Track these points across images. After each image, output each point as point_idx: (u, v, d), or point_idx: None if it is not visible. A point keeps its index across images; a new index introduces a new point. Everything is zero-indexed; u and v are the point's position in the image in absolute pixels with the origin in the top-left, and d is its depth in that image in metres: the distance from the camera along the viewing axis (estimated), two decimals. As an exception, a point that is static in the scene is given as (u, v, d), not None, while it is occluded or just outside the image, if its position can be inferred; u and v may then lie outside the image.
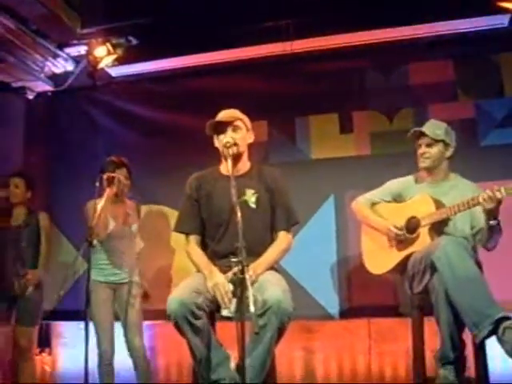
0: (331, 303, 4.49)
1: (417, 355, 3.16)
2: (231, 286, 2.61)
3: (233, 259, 2.41)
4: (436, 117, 3.79)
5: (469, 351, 3.02)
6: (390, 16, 4.40)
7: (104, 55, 4.87)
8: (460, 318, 2.81)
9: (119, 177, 3.85)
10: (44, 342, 5.08)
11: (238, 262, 2.36)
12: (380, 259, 3.48)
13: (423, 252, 3.08)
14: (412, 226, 3.31)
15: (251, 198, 2.97)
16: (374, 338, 4.41)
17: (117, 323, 3.92)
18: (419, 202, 3.34)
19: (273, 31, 4.62)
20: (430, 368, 3.11)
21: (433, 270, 2.94)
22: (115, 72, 5.21)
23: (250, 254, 2.50)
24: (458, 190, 3.33)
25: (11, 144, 5.47)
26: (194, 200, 3.09)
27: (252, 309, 2.26)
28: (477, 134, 4.47)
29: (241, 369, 2.34)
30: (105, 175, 3.74)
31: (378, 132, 4.69)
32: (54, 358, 5.15)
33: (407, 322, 3.31)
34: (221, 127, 3.02)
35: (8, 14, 4.37)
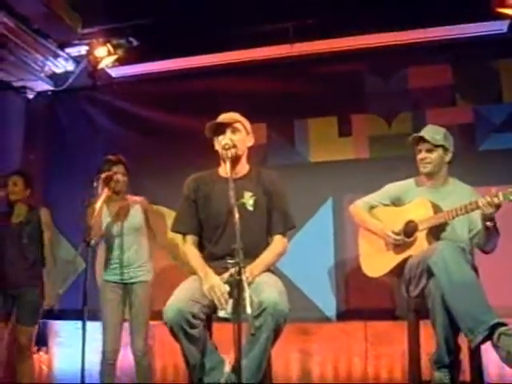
0: (328, 306, 4.51)
1: (412, 358, 3.17)
2: (227, 287, 2.61)
3: (229, 261, 2.40)
4: (434, 121, 3.80)
5: (464, 355, 3.03)
6: (390, 20, 4.42)
7: (104, 55, 4.89)
8: (456, 322, 2.82)
9: (117, 175, 3.87)
10: (41, 341, 5.08)
11: (234, 264, 2.36)
12: (377, 262, 3.47)
13: (420, 256, 3.08)
14: (410, 229, 3.31)
15: (249, 200, 2.97)
16: (370, 340, 4.42)
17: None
18: (417, 205, 3.34)
19: (273, 34, 4.64)
20: (426, 371, 3.11)
21: (429, 274, 2.94)
22: (115, 72, 5.23)
23: (247, 256, 2.50)
24: (457, 194, 3.34)
25: (11, 142, 5.48)
26: (192, 201, 3.08)
27: (249, 310, 2.27)
28: (475, 138, 4.50)
29: (237, 370, 2.34)
30: (103, 175, 3.75)
31: (377, 135, 4.71)
32: (51, 357, 5.16)
33: (403, 325, 3.33)
34: (220, 129, 3.02)
35: (9, 13, 4.39)
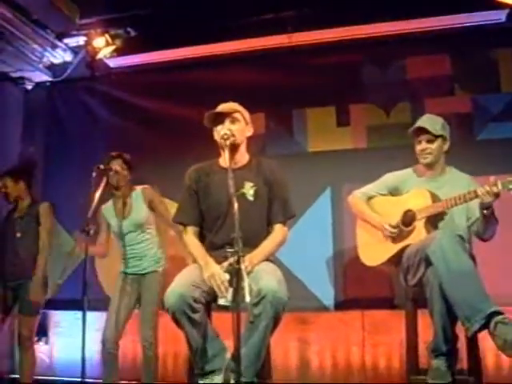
0: (326, 295, 4.54)
1: (410, 347, 3.19)
2: (227, 276, 2.63)
3: (229, 250, 2.42)
4: (433, 111, 3.80)
5: (461, 344, 3.06)
6: (388, 10, 4.42)
7: (103, 46, 4.90)
8: (453, 310, 2.84)
9: (115, 167, 3.91)
10: (41, 332, 5.09)
11: (234, 253, 2.38)
12: (375, 251, 3.49)
13: (418, 245, 3.10)
14: (408, 219, 3.32)
15: (249, 190, 2.97)
16: (367, 329, 4.44)
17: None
18: (416, 195, 3.35)
19: (271, 24, 4.64)
20: (423, 359, 3.13)
21: (427, 263, 2.96)
22: (114, 63, 5.23)
23: (247, 245, 2.52)
24: (454, 183, 3.35)
25: (9, 133, 5.49)
26: (193, 191, 3.08)
27: (247, 299, 2.29)
28: (473, 128, 4.50)
29: (236, 358, 2.36)
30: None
31: (375, 125, 4.72)
32: (51, 347, 5.18)
33: (401, 314, 3.34)
34: (219, 119, 3.01)
35: (7, 3, 4.38)
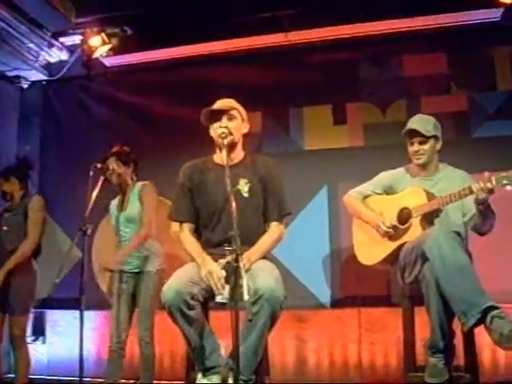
0: (323, 293, 4.55)
1: (407, 344, 3.20)
2: (224, 273, 2.63)
3: (227, 248, 2.43)
4: (429, 109, 3.83)
5: (458, 341, 3.07)
6: (384, 9, 4.42)
7: (99, 45, 4.89)
8: (449, 307, 2.85)
9: (112, 165, 3.91)
10: (38, 331, 5.10)
11: (232, 251, 2.38)
12: (371, 250, 3.49)
13: (415, 242, 3.10)
14: (404, 216, 3.33)
15: (244, 187, 2.96)
16: (364, 327, 4.46)
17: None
18: (411, 193, 3.36)
19: (268, 22, 4.64)
20: (420, 356, 3.14)
21: (424, 259, 2.96)
22: (110, 62, 5.21)
23: (244, 243, 2.51)
24: (448, 179, 3.37)
25: (5, 132, 5.48)
26: (188, 189, 3.07)
27: (246, 297, 2.29)
28: (469, 126, 4.52)
29: (235, 356, 2.36)
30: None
31: (372, 124, 4.73)
32: (49, 346, 5.16)
33: (397, 311, 3.36)
34: (216, 116, 3.00)
35: (3, 2, 4.38)
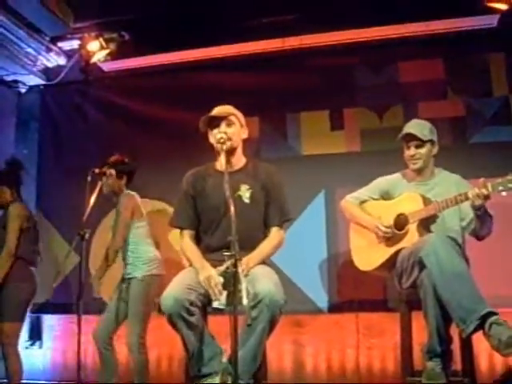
0: (321, 298, 4.54)
1: (405, 349, 3.21)
2: (221, 279, 2.64)
3: (225, 253, 2.43)
4: (426, 115, 3.84)
5: (455, 345, 3.08)
6: (382, 15, 4.44)
7: (97, 50, 4.89)
8: (447, 312, 2.86)
9: (109, 171, 3.91)
10: (35, 335, 5.09)
11: (230, 256, 2.38)
12: (369, 256, 3.50)
13: (412, 248, 3.11)
14: (400, 222, 3.34)
15: (245, 193, 2.99)
16: (362, 332, 4.45)
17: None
18: (408, 199, 3.37)
19: (265, 28, 4.65)
20: (418, 361, 3.15)
21: (421, 266, 2.97)
22: (107, 67, 5.21)
23: (243, 248, 2.51)
24: (443, 184, 3.38)
25: (2, 136, 5.47)
26: (190, 196, 3.10)
27: (245, 302, 2.30)
28: (465, 131, 4.53)
29: (234, 360, 2.36)
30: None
31: (369, 129, 4.73)
32: (45, 351, 5.15)
33: (395, 316, 3.37)
34: (214, 122, 3.02)
35: (1, 7, 4.38)
